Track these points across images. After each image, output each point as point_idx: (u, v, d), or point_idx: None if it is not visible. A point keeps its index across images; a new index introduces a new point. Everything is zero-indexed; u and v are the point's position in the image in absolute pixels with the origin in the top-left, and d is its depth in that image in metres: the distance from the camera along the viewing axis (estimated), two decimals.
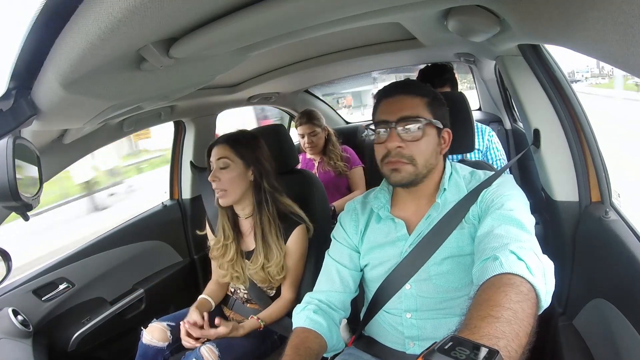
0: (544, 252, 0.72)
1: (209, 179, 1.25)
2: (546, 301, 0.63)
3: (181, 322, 1.20)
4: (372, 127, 0.94)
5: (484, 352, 0.43)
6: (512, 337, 0.51)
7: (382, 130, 0.90)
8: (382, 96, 0.94)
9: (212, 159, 1.27)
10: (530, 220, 0.79)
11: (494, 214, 0.80)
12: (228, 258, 1.32)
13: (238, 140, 1.28)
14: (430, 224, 0.90)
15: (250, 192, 1.29)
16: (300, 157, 2.30)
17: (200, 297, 1.36)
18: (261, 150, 1.30)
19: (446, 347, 0.43)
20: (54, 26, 0.49)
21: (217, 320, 1.14)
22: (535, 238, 0.74)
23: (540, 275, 0.63)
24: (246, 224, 1.35)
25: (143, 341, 1.24)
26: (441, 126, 0.91)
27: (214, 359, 1.12)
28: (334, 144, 2.22)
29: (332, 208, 2.00)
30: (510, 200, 0.82)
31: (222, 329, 1.14)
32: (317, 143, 2.17)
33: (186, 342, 1.18)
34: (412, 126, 0.87)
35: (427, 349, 0.45)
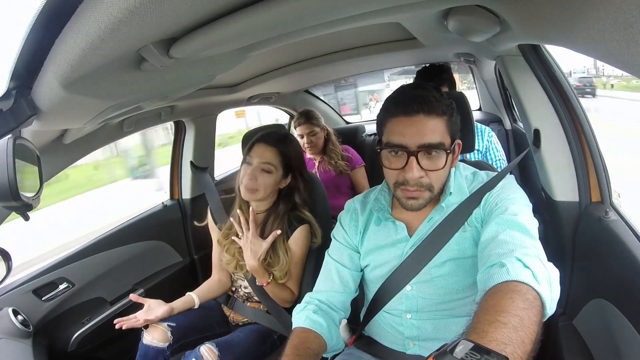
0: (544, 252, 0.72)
1: (247, 175, 1.22)
2: (551, 309, 0.63)
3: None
4: (383, 147, 0.84)
5: (493, 357, 0.44)
6: (519, 343, 0.51)
7: (397, 154, 0.82)
8: (397, 112, 0.81)
9: (255, 156, 1.23)
10: (534, 224, 0.78)
11: (497, 219, 0.79)
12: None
13: (287, 147, 1.27)
14: (432, 226, 0.89)
15: (275, 195, 1.30)
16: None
17: (187, 293, 1.36)
18: (302, 161, 1.31)
19: (457, 349, 0.44)
20: (54, 26, 0.49)
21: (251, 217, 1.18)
22: (540, 243, 0.74)
23: (546, 283, 0.63)
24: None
25: (144, 342, 1.24)
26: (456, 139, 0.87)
27: (213, 358, 1.12)
28: (334, 143, 2.22)
29: None
30: (514, 204, 0.81)
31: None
32: (316, 143, 2.17)
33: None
34: (435, 155, 0.81)
35: (438, 350, 0.45)
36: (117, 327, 1.19)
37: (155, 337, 1.23)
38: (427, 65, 1.93)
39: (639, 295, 0.76)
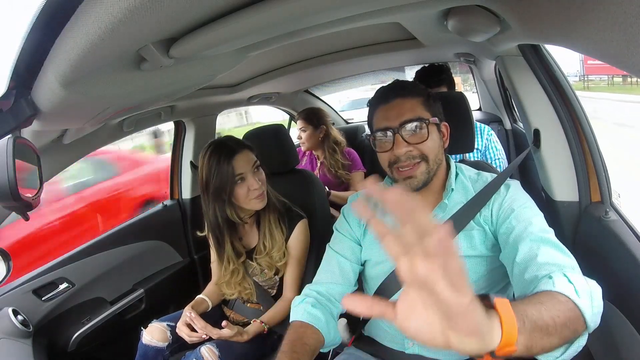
0: None
1: (254, 186, 1.21)
2: (594, 322, 0.63)
3: (179, 323, 1.20)
4: (373, 134, 0.91)
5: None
6: (540, 325, 0.53)
7: (384, 137, 0.89)
8: (378, 102, 0.92)
9: (245, 167, 1.21)
10: (552, 232, 0.79)
11: (531, 236, 0.77)
12: (239, 278, 1.31)
13: (249, 145, 1.28)
14: None
15: None
16: (307, 152, 2.30)
17: (197, 297, 1.36)
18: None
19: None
20: (54, 26, 0.49)
21: (224, 322, 1.12)
22: (574, 259, 0.73)
23: (587, 297, 0.64)
24: (247, 224, 1.35)
25: (143, 341, 1.24)
26: (439, 122, 0.92)
27: (214, 359, 1.12)
28: (334, 148, 2.18)
29: (328, 192, 2.04)
30: (536, 216, 0.82)
31: (226, 331, 1.12)
32: (305, 140, 2.17)
33: (185, 335, 1.17)
34: (417, 127, 0.87)
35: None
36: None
37: (154, 337, 1.24)
38: (426, 65, 1.93)
39: (639, 296, 0.76)
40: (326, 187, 2.06)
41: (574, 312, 0.60)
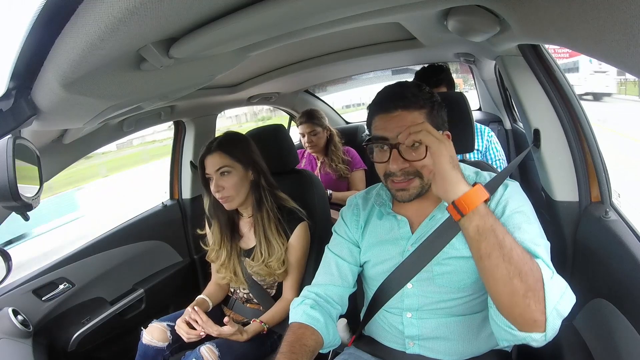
0: None
1: (213, 190, 1.24)
2: (553, 316, 0.65)
3: (179, 320, 1.19)
4: (370, 142, 0.88)
5: None
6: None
7: (381, 148, 0.86)
8: (378, 110, 0.87)
9: (210, 170, 1.24)
10: (548, 251, 0.77)
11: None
12: (220, 261, 1.34)
13: (231, 144, 1.27)
14: (434, 225, 0.89)
15: (251, 191, 1.30)
16: (306, 152, 2.31)
17: (198, 297, 1.37)
18: (253, 149, 1.31)
19: None
20: (54, 26, 0.48)
21: (225, 319, 1.12)
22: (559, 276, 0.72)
23: (558, 291, 0.66)
24: (247, 223, 1.36)
25: (143, 341, 1.24)
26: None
27: (214, 359, 1.12)
28: (336, 145, 2.23)
29: (330, 194, 2.04)
30: (526, 223, 0.79)
31: (227, 329, 1.12)
32: (317, 142, 2.18)
33: (183, 332, 1.16)
34: (416, 146, 0.83)
35: None
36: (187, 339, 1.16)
37: (154, 337, 1.24)
38: (426, 66, 1.93)
39: (639, 295, 0.76)
40: (328, 190, 2.06)
41: (536, 284, 0.65)
